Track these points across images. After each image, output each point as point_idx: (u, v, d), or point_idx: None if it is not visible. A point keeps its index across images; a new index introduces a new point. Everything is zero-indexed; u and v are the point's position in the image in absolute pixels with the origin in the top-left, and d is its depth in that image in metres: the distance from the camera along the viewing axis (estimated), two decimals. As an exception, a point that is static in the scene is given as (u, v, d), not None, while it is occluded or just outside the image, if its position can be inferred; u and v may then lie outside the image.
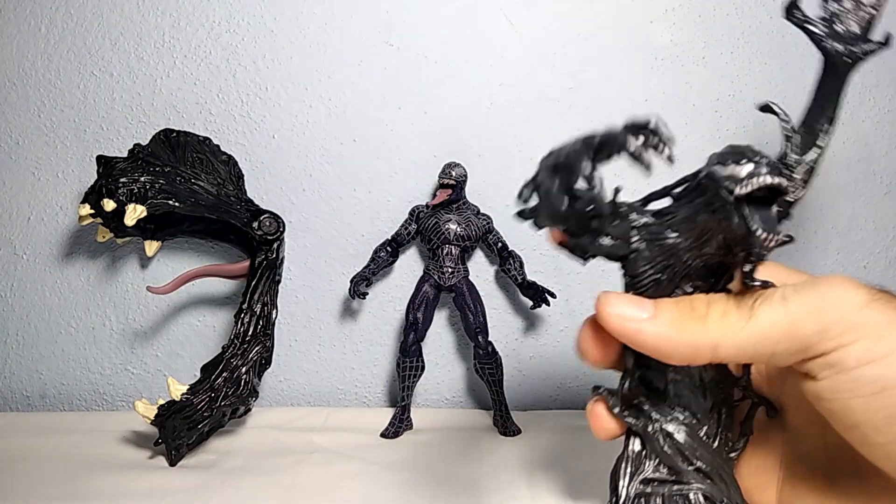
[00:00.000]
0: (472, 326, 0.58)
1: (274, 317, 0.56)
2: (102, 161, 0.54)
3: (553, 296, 0.59)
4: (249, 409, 0.59)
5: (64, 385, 0.65)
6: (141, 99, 0.62)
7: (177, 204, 0.53)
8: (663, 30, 0.62)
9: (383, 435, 0.56)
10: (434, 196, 0.61)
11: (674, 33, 0.62)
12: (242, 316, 0.55)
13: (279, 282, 0.58)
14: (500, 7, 0.62)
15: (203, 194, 0.55)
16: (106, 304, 0.64)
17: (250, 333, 0.55)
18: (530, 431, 0.57)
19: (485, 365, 0.58)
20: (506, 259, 0.60)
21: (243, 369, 0.53)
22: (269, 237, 0.56)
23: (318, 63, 0.62)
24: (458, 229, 0.58)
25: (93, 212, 0.53)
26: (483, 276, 0.63)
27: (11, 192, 0.63)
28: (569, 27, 0.62)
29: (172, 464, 0.51)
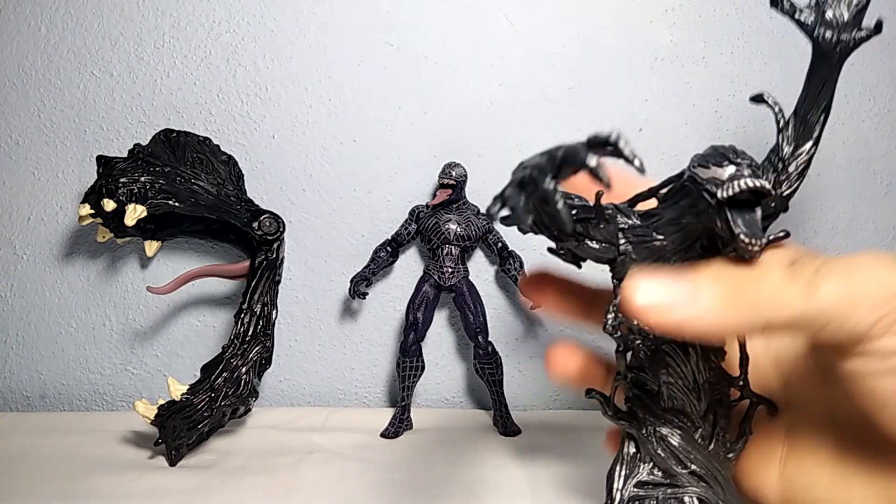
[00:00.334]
0: (472, 326, 0.58)
1: (274, 317, 0.56)
2: (102, 161, 0.54)
3: (553, 296, 0.59)
4: (249, 409, 0.59)
5: (64, 385, 0.65)
6: (141, 99, 0.62)
7: (177, 204, 0.53)
8: (663, 30, 0.62)
9: (383, 435, 0.56)
10: (434, 196, 0.61)
11: (674, 33, 0.62)
12: (242, 316, 0.55)
13: (279, 282, 0.58)
14: (500, 7, 0.62)
15: (203, 194, 0.55)
16: (106, 304, 0.64)
17: (250, 333, 0.54)
18: (530, 431, 0.57)
19: (485, 365, 0.58)
20: (506, 259, 0.60)
21: (243, 369, 0.53)
22: (269, 237, 0.56)
23: (318, 63, 0.62)
24: (458, 229, 0.58)
25: (93, 212, 0.53)
26: (483, 276, 0.63)
27: (11, 192, 0.63)
28: (569, 27, 0.62)
29: (172, 464, 0.51)
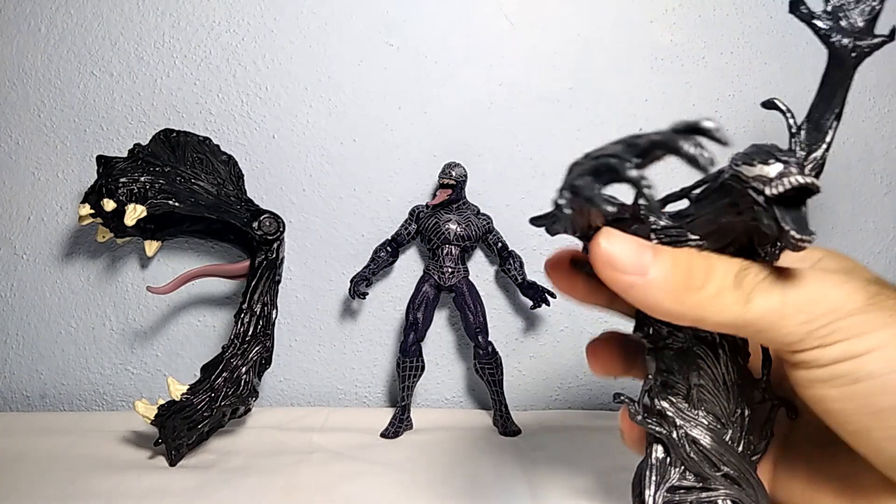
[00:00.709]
0: (472, 326, 0.58)
1: (274, 317, 0.56)
2: (102, 161, 0.54)
3: (553, 296, 0.59)
4: (249, 409, 0.59)
5: (64, 385, 0.65)
6: (141, 99, 0.62)
7: (177, 204, 0.53)
8: (663, 30, 0.62)
9: (383, 435, 0.56)
10: (434, 196, 0.61)
11: (674, 33, 0.62)
12: (242, 316, 0.55)
13: (279, 282, 0.58)
14: (500, 7, 0.62)
15: (203, 194, 0.55)
16: (106, 304, 0.64)
17: (250, 333, 0.54)
18: (530, 431, 0.57)
19: (485, 365, 0.58)
20: (506, 259, 0.60)
21: (243, 369, 0.53)
22: (269, 237, 0.56)
23: (318, 63, 0.62)
24: (458, 229, 0.58)
25: (93, 212, 0.53)
26: (483, 276, 0.63)
27: (11, 192, 0.63)
28: (569, 27, 0.62)
29: (172, 464, 0.51)
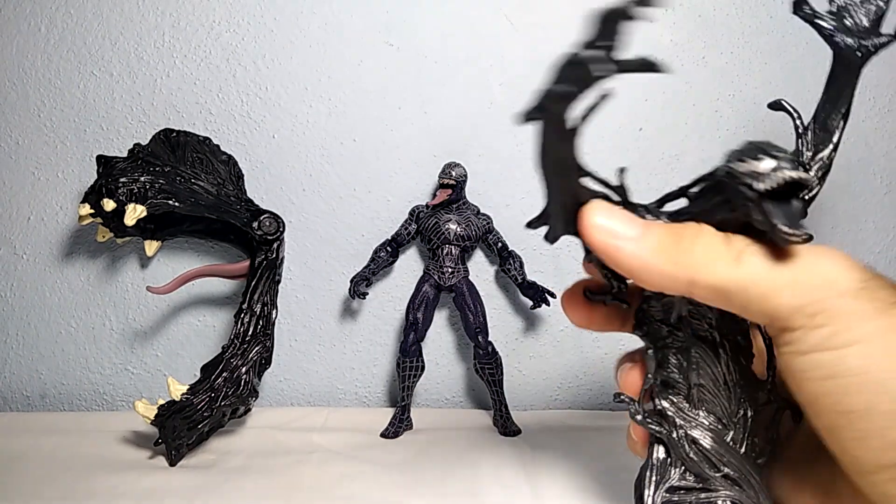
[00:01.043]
0: (472, 326, 0.58)
1: (274, 317, 0.56)
2: (102, 161, 0.54)
3: (553, 296, 0.59)
4: (249, 409, 0.59)
5: (64, 385, 0.65)
6: (141, 99, 0.62)
7: (177, 204, 0.53)
8: (663, 30, 0.62)
9: (383, 435, 0.56)
10: (434, 196, 0.61)
11: (674, 33, 0.62)
12: (242, 316, 0.55)
13: (279, 282, 0.58)
14: (500, 7, 0.62)
15: (203, 194, 0.55)
16: (106, 304, 0.64)
17: (250, 333, 0.54)
18: (530, 431, 0.57)
19: (485, 365, 0.58)
20: (506, 259, 0.60)
21: (243, 369, 0.53)
22: (269, 237, 0.56)
23: (318, 63, 0.62)
24: (458, 229, 0.58)
25: (93, 212, 0.53)
26: (483, 276, 0.63)
27: (11, 192, 0.63)
28: (569, 27, 0.61)
29: (172, 464, 0.51)
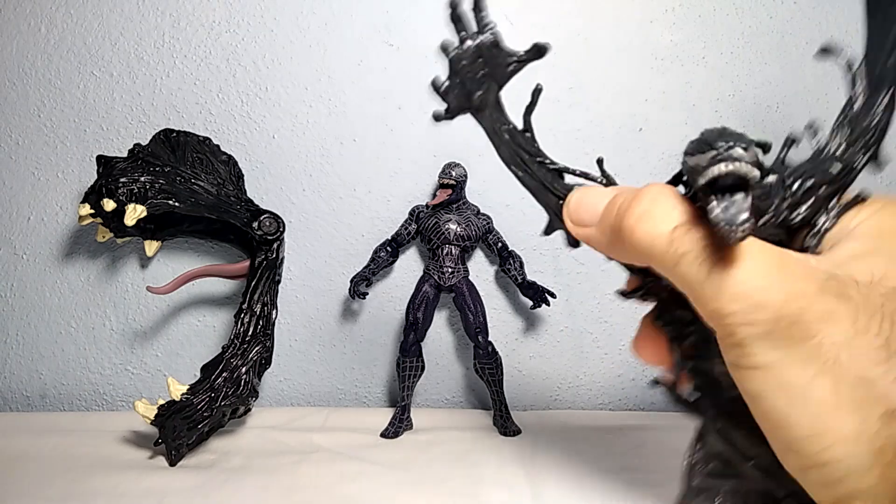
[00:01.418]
0: (472, 326, 0.58)
1: (274, 317, 0.56)
2: (102, 161, 0.54)
3: (553, 296, 0.59)
4: (249, 409, 0.59)
5: (64, 385, 0.65)
6: (141, 99, 0.62)
7: (177, 204, 0.53)
8: (663, 30, 0.62)
9: (383, 435, 0.56)
10: (434, 196, 0.61)
11: (674, 33, 0.62)
12: (242, 316, 0.55)
13: (279, 282, 0.58)
14: (499, 7, 0.61)
15: (203, 194, 0.55)
16: (106, 304, 0.64)
17: (250, 333, 0.54)
18: (530, 431, 0.57)
19: (485, 365, 0.58)
20: (506, 259, 0.60)
21: (243, 369, 0.53)
22: (269, 237, 0.56)
23: (318, 63, 0.62)
24: (458, 229, 0.58)
25: (93, 212, 0.53)
26: (483, 276, 0.63)
27: (11, 192, 0.63)
28: (569, 27, 0.62)
29: (172, 464, 0.51)
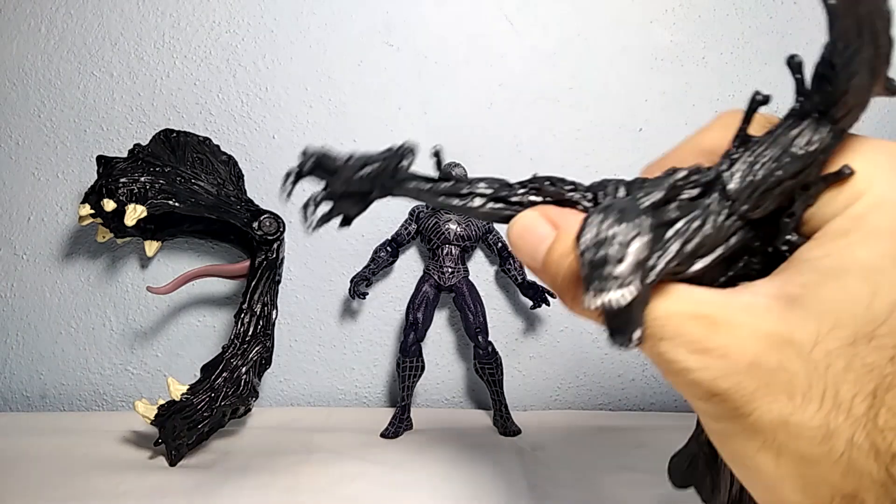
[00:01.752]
0: (472, 326, 0.58)
1: (274, 317, 0.56)
2: (102, 161, 0.54)
3: (553, 296, 0.59)
4: (249, 409, 0.59)
5: (64, 385, 0.65)
6: (141, 99, 0.62)
7: (177, 204, 0.53)
8: (663, 30, 0.62)
9: (383, 435, 0.56)
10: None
11: (674, 33, 0.62)
12: (242, 316, 0.55)
13: (279, 282, 0.58)
14: (500, 7, 0.61)
15: (203, 194, 0.55)
16: (106, 304, 0.64)
17: (250, 333, 0.54)
18: (530, 431, 0.57)
19: (485, 365, 0.58)
20: (506, 259, 0.60)
21: (243, 369, 0.53)
22: (269, 237, 0.56)
23: (318, 63, 0.62)
24: (458, 229, 0.58)
25: (93, 212, 0.53)
26: (483, 276, 0.63)
27: (11, 192, 0.63)
28: (569, 27, 0.62)
29: (172, 464, 0.51)
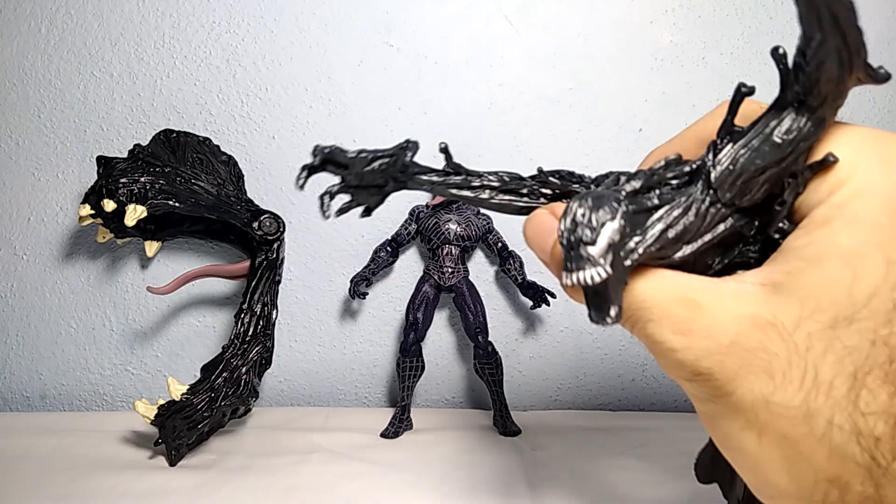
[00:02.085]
0: (472, 326, 0.58)
1: (274, 317, 0.56)
2: (102, 161, 0.54)
3: (553, 296, 0.59)
4: (249, 409, 0.59)
5: (64, 385, 0.65)
6: (141, 99, 0.62)
7: (177, 204, 0.53)
8: (663, 30, 0.62)
9: (383, 435, 0.56)
10: (434, 196, 0.61)
11: (674, 34, 0.62)
12: (242, 316, 0.55)
13: (279, 282, 0.58)
14: (499, 7, 0.62)
15: (203, 195, 0.55)
16: (106, 305, 0.64)
17: (250, 333, 0.55)
18: (530, 431, 0.57)
19: (485, 365, 0.58)
20: (506, 259, 0.60)
21: (243, 369, 0.53)
22: (269, 237, 0.56)
23: (318, 63, 0.62)
24: (458, 229, 0.58)
25: (93, 212, 0.53)
26: (483, 276, 0.63)
27: (11, 192, 0.63)
28: (569, 27, 0.62)
29: (172, 464, 0.51)
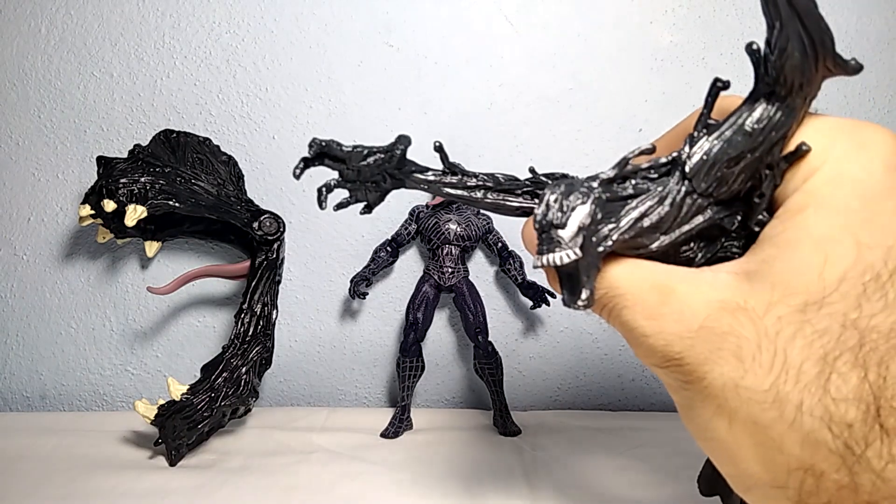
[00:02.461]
0: (472, 326, 0.58)
1: (274, 317, 0.56)
2: (102, 162, 0.54)
3: (553, 296, 0.59)
4: (249, 409, 0.59)
5: (64, 385, 0.65)
6: (141, 100, 0.62)
7: (177, 204, 0.53)
8: (663, 30, 0.62)
9: (383, 435, 0.56)
10: (434, 196, 0.61)
11: (674, 34, 0.62)
12: (242, 316, 0.55)
13: (279, 282, 0.58)
14: (499, 7, 0.62)
15: (203, 195, 0.55)
16: (106, 305, 0.64)
17: (250, 334, 0.55)
18: (530, 431, 0.57)
19: (485, 365, 0.58)
20: (506, 259, 0.60)
21: (243, 369, 0.53)
22: (269, 237, 0.56)
23: (318, 63, 0.62)
24: (458, 229, 0.58)
25: (93, 212, 0.53)
26: (483, 276, 0.63)
27: (11, 192, 0.63)
28: (569, 27, 0.62)
29: (172, 464, 0.51)
